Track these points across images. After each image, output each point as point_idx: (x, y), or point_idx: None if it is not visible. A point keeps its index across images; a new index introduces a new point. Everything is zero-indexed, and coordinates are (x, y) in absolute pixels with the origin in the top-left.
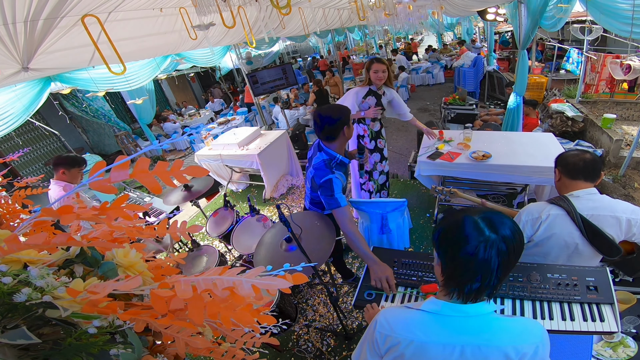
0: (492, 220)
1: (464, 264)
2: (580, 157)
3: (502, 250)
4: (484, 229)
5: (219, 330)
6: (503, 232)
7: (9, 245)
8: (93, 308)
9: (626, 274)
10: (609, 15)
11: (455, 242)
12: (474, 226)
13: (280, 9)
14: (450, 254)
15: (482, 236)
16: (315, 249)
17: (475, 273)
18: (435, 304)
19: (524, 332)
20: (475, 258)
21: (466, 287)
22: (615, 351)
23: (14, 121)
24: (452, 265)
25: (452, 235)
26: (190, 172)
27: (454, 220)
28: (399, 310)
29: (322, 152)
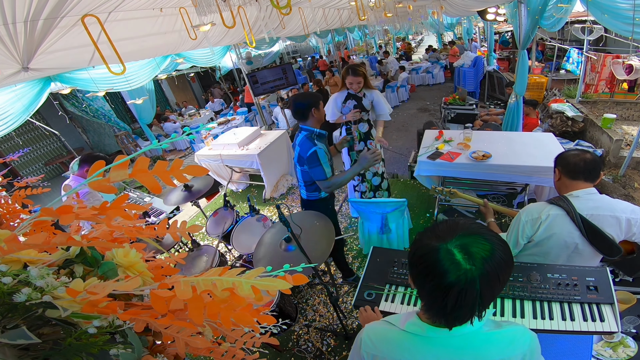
0: (469, 248)
1: (443, 296)
2: (581, 157)
3: (484, 278)
4: (461, 261)
5: (219, 330)
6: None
7: (9, 245)
8: (93, 308)
9: (626, 273)
10: (611, 15)
11: (430, 276)
12: (450, 259)
13: (280, 9)
14: (427, 286)
15: (459, 270)
16: (315, 249)
17: (455, 304)
18: (419, 327)
19: (512, 342)
20: (454, 290)
21: (449, 315)
22: (615, 351)
23: (14, 121)
24: (431, 295)
25: (427, 268)
26: (190, 172)
27: (427, 251)
28: (382, 329)
29: (302, 131)
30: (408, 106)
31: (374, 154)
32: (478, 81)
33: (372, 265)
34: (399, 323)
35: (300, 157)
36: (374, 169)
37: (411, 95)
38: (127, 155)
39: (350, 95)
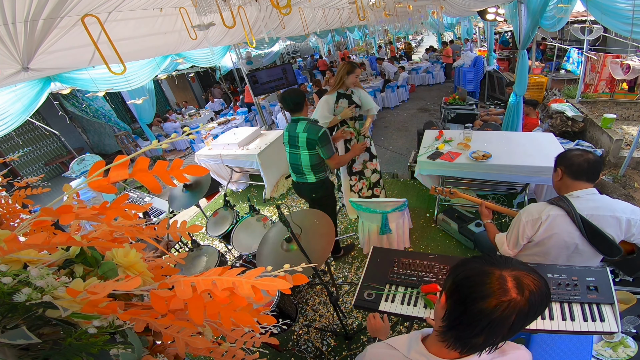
0: (522, 279)
1: (474, 318)
2: (585, 158)
3: (522, 312)
4: (510, 289)
5: (219, 330)
6: (532, 293)
7: (9, 245)
8: (93, 308)
9: (626, 273)
10: (610, 15)
11: (472, 295)
12: (501, 284)
13: (280, 8)
14: (463, 304)
15: (505, 296)
16: (315, 249)
17: (483, 330)
18: (424, 356)
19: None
20: (488, 316)
21: (468, 341)
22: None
23: (13, 121)
24: (461, 317)
25: (472, 288)
26: (190, 171)
27: (478, 272)
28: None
29: (300, 121)
30: (408, 106)
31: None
32: (478, 81)
33: (372, 265)
34: (404, 349)
35: (309, 141)
36: (371, 165)
37: (411, 95)
38: (127, 155)
39: (340, 95)
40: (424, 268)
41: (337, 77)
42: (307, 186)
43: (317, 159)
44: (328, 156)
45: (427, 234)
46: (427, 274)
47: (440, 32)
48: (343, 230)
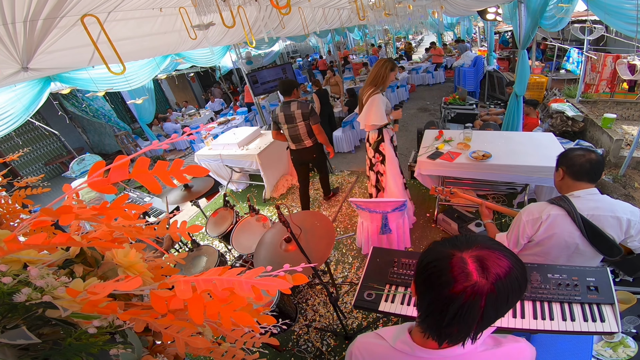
0: (486, 261)
1: (443, 307)
2: (587, 159)
3: (492, 296)
4: (472, 272)
5: (219, 330)
6: (498, 276)
7: (9, 245)
8: (93, 308)
9: (626, 273)
10: (614, 15)
11: (436, 282)
12: (462, 268)
13: (280, 8)
14: (430, 293)
15: (468, 281)
16: (315, 249)
17: (454, 318)
18: (409, 346)
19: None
20: (457, 303)
21: (442, 330)
22: (616, 351)
23: (14, 121)
24: (430, 305)
25: (435, 273)
26: (190, 172)
27: (440, 256)
28: (373, 344)
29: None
30: (408, 106)
31: None
32: (478, 81)
33: (372, 265)
34: (391, 338)
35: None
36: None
37: (411, 95)
38: (127, 155)
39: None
40: None
41: (380, 75)
42: (306, 150)
43: (309, 127)
44: (315, 122)
45: (427, 234)
46: None
47: (440, 31)
48: (343, 230)
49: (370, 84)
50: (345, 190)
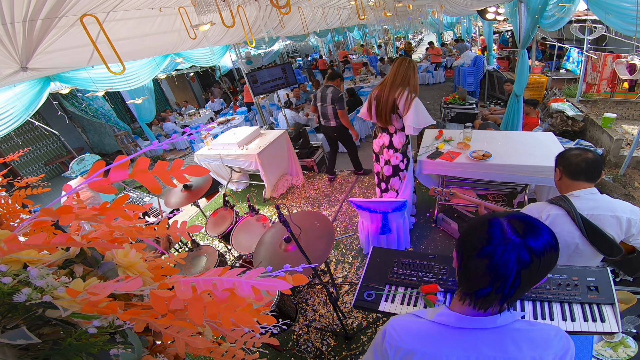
0: (522, 224)
1: (477, 265)
2: (583, 158)
3: (523, 258)
4: (507, 231)
5: (219, 330)
6: (530, 239)
7: (9, 245)
8: (93, 308)
9: (626, 273)
10: (615, 15)
11: (473, 242)
12: (498, 227)
13: (280, 8)
14: (467, 254)
15: (502, 238)
16: (314, 249)
17: (486, 277)
18: (448, 316)
19: (546, 340)
20: (489, 260)
21: (476, 292)
22: (616, 351)
23: (14, 121)
24: (466, 266)
25: (474, 234)
26: (190, 172)
27: (481, 220)
28: (409, 321)
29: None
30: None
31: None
32: (478, 80)
33: (372, 265)
34: (427, 315)
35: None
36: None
37: None
38: (127, 155)
39: None
40: (424, 268)
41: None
42: (330, 128)
43: (335, 110)
44: (340, 108)
45: (427, 234)
46: (427, 274)
47: (440, 31)
48: (343, 230)
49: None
50: (345, 190)
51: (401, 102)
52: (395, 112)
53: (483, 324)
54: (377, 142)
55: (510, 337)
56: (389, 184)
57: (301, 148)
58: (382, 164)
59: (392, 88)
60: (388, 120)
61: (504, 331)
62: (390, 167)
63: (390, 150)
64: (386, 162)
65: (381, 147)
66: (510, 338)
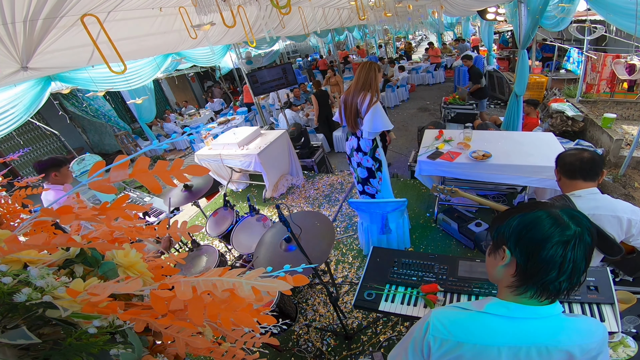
0: (574, 213)
1: (549, 259)
2: (577, 157)
3: (587, 242)
4: (569, 223)
5: (219, 331)
6: (585, 223)
7: (9, 245)
8: (93, 308)
9: (626, 273)
10: (617, 14)
11: (536, 236)
12: (558, 219)
13: (280, 8)
14: (531, 249)
15: (569, 231)
16: (315, 249)
17: (560, 270)
18: (505, 307)
19: (590, 330)
20: (561, 253)
21: (551, 285)
22: (615, 351)
23: (15, 121)
24: (533, 264)
25: (533, 228)
26: (191, 171)
27: (535, 216)
28: (455, 313)
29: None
30: (408, 106)
31: None
32: None
33: (372, 265)
34: (474, 307)
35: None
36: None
37: (411, 94)
38: (127, 155)
39: None
40: (424, 268)
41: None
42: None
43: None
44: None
45: (427, 234)
46: (427, 274)
47: (440, 31)
48: (343, 230)
49: (361, 89)
50: (345, 191)
51: (362, 106)
52: (359, 116)
53: (538, 313)
54: (348, 145)
55: (561, 327)
56: (366, 186)
57: (301, 148)
58: (356, 166)
59: (355, 92)
60: (354, 125)
61: (556, 320)
62: (364, 169)
63: (359, 153)
64: (358, 164)
65: (352, 150)
66: (560, 327)
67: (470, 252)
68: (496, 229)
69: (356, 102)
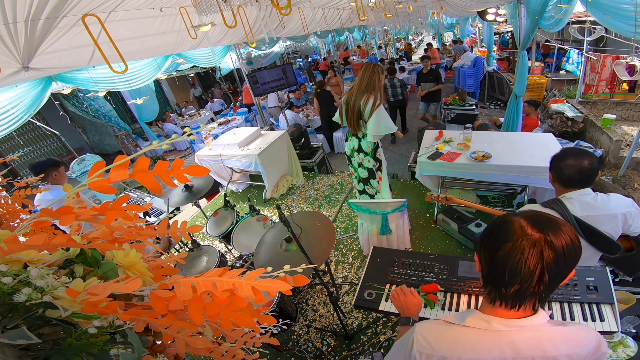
0: (540, 220)
1: (501, 263)
2: (576, 169)
3: (546, 253)
4: (527, 227)
5: (219, 331)
6: (550, 233)
7: (9, 245)
8: (93, 308)
9: (626, 273)
10: (612, 16)
11: (495, 241)
12: (518, 224)
13: (280, 9)
14: (489, 253)
15: (523, 234)
16: (315, 249)
17: (513, 274)
18: (484, 320)
19: (579, 338)
20: (512, 257)
21: (504, 289)
22: (615, 351)
23: (15, 121)
24: (490, 265)
25: (495, 234)
26: (191, 172)
27: (500, 220)
28: (438, 327)
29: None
30: (408, 106)
31: None
32: (478, 81)
33: (372, 265)
34: (456, 320)
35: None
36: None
37: (411, 95)
38: (127, 156)
39: None
40: (424, 268)
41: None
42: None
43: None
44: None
45: (427, 234)
46: (427, 274)
47: (440, 32)
48: (343, 230)
49: (364, 91)
50: (346, 191)
51: (366, 109)
52: (361, 118)
53: (519, 324)
54: (348, 145)
55: (547, 336)
56: (366, 186)
57: (302, 149)
58: (356, 166)
59: (358, 94)
60: (357, 126)
61: (540, 330)
62: (364, 169)
63: (360, 154)
64: (359, 164)
65: (352, 150)
66: (546, 337)
67: (470, 252)
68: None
69: (359, 104)
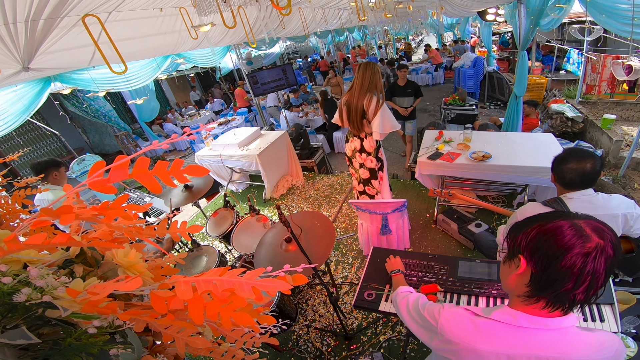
0: (597, 224)
1: (567, 273)
2: (579, 172)
3: (609, 256)
4: (591, 235)
5: (219, 331)
6: (609, 235)
7: (9, 245)
8: (93, 308)
9: (626, 274)
10: (609, 16)
11: (556, 250)
12: (579, 232)
13: (280, 9)
14: (549, 263)
15: (590, 243)
16: (315, 249)
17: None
18: (511, 315)
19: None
20: (582, 267)
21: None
22: None
23: (14, 121)
24: (549, 275)
25: (553, 241)
26: (191, 172)
27: (554, 226)
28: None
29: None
30: None
31: None
32: (478, 82)
33: (372, 265)
34: (483, 312)
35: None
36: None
37: None
38: (127, 156)
39: None
40: (424, 268)
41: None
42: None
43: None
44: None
45: (427, 234)
46: (427, 274)
47: (440, 32)
48: (343, 230)
49: (367, 90)
50: (345, 191)
51: (370, 108)
52: (364, 117)
53: (546, 324)
54: (349, 146)
55: (567, 339)
56: (367, 186)
57: (301, 149)
58: (357, 167)
59: (360, 94)
60: (360, 127)
61: (564, 333)
62: (366, 170)
63: (362, 154)
64: (361, 165)
65: (353, 151)
66: (566, 339)
67: (470, 253)
68: (512, 237)
69: (362, 104)
